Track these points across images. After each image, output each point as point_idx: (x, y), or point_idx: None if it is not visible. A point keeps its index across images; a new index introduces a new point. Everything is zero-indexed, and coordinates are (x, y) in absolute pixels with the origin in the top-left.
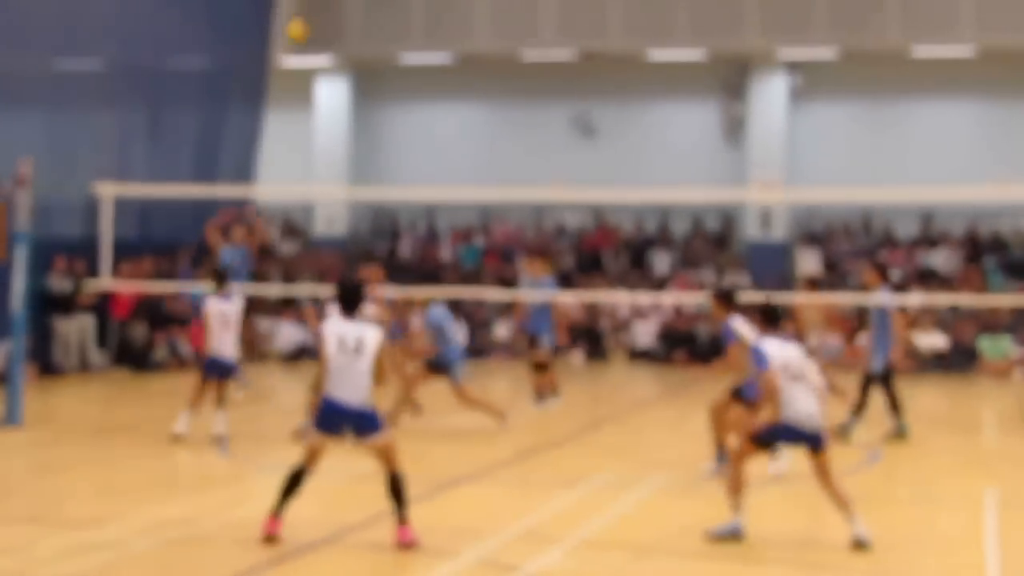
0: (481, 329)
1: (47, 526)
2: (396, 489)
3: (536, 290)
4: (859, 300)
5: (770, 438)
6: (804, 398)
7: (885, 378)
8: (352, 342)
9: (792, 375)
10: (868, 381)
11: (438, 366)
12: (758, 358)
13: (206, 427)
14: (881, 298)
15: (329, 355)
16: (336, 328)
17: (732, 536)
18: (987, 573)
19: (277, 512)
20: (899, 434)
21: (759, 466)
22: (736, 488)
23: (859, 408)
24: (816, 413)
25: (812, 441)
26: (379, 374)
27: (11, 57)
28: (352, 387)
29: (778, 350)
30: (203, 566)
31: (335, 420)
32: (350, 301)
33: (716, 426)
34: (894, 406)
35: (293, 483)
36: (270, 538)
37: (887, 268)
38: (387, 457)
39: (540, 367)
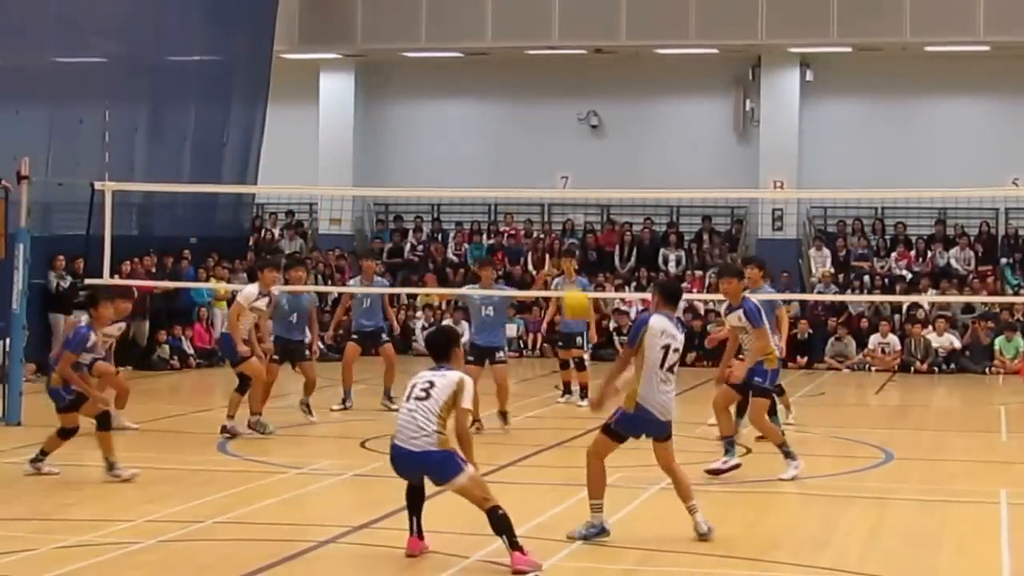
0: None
1: (47, 526)
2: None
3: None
4: (866, 300)
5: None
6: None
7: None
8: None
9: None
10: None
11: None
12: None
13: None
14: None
15: None
16: None
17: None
18: (1002, 572)
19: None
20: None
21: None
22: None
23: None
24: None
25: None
26: None
27: (11, 53)
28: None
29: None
30: (205, 566)
31: None
32: None
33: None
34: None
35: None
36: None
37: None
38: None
39: (580, 365)
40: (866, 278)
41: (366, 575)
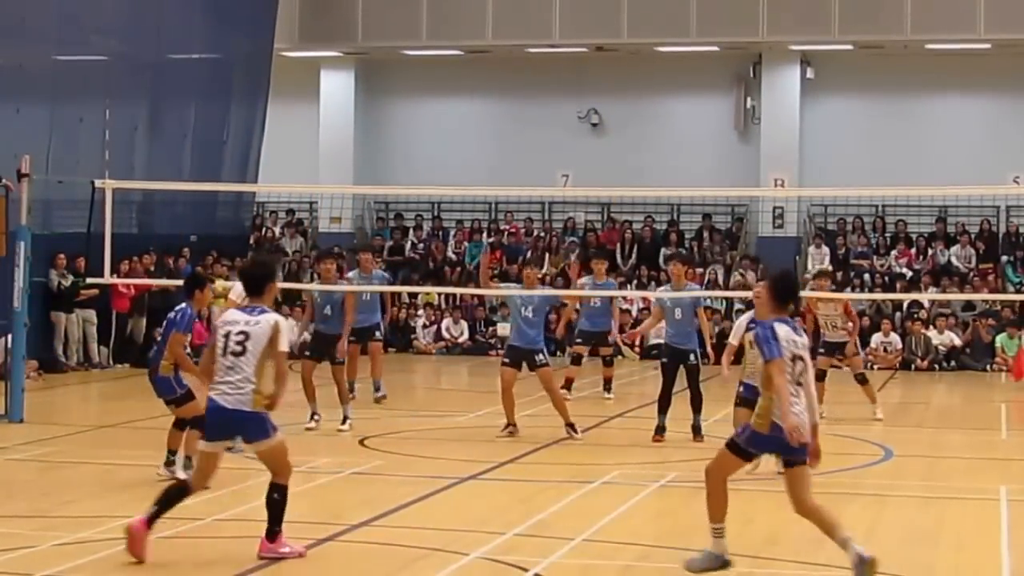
0: (485, 326)
1: (47, 523)
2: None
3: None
4: (869, 297)
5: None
6: None
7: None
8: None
9: None
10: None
11: None
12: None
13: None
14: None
15: None
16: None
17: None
18: (1002, 569)
19: None
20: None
21: (766, 465)
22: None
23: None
24: None
25: None
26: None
27: (12, 50)
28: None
29: None
30: (204, 564)
31: None
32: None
33: None
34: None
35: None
36: None
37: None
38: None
39: (608, 361)
40: (866, 276)
41: (365, 572)
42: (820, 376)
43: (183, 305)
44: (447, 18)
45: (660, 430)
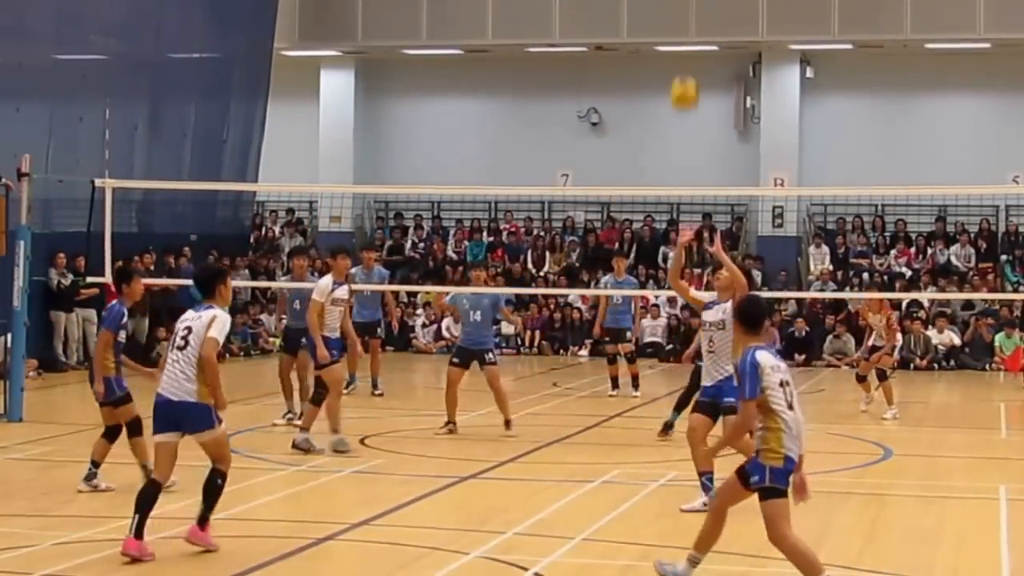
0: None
1: (47, 522)
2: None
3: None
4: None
5: None
6: None
7: None
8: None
9: None
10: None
11: None
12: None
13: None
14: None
15: None
16: None
17: None
18: (1001, 568)
19: None
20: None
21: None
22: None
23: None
24: None
25: None
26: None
27: (12, 50)
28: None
29: None
30: (205, 563)
31: None
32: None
33: None
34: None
35: None
36: None
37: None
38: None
39: (630, 358)
40: (865, 275)
41: (365, 571)
42: (882, 376)
43: (114, 302)
44: (447, 17)
45: (669, 427)
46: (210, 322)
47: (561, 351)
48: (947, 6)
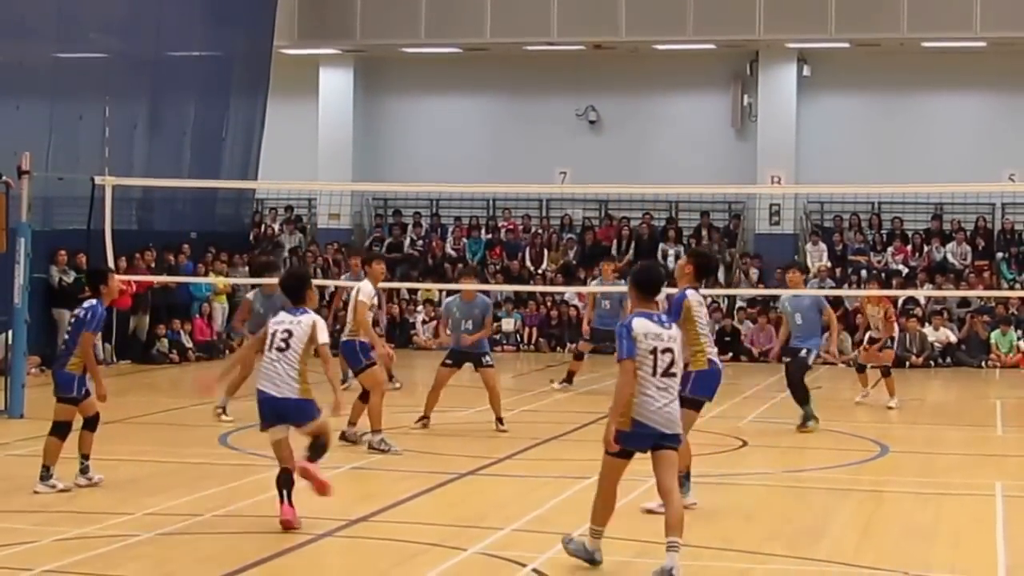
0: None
1: (49, 519)
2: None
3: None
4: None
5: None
6: None
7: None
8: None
9: None
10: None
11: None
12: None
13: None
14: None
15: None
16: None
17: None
18: (997, 564)
19: None
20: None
21: (765, 460)
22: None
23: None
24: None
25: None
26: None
27: (12, 48)
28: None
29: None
30: (205, 559)
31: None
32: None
33: None
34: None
35: None
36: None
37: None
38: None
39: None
40: (863, 272)
41: (364, 567)
42: (886, 372)
43: (93, 302)
44: (446, 16)
45: (807, 419)
46: (312, 328)
47: (558, 348)
48: (943, 5)
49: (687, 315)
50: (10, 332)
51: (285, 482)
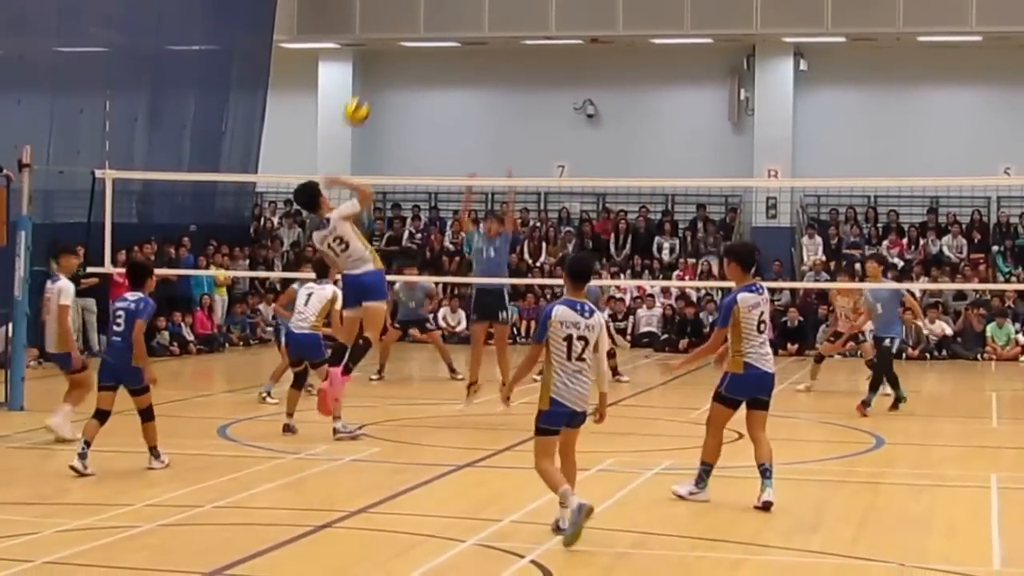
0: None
1: (49, 510)
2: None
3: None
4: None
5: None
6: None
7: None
8: None
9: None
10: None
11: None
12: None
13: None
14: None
15: None
16: None
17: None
18: (992, 555)
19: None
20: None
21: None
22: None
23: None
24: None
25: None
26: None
27: (13, 42)
28: None
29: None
30: (205, 550)
31: None
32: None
33: None
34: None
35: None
36: None
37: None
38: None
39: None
40: (858, 266)
41: (364, 559)
42: (819, 359)
43: (139, 295)
44: (444, 10)
45: (899, 400)
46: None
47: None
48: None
49: (735, 319)
50: (10, 325)
51: (357, 352)
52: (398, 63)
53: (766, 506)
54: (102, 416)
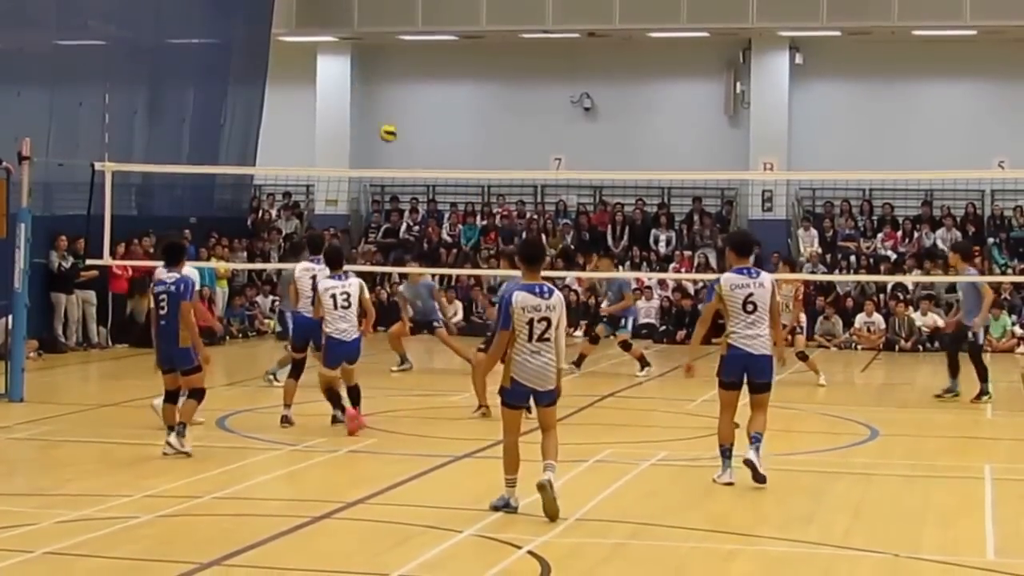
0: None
1: (48, 501)
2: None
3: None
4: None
5: None
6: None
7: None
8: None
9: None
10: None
11: None
12: None
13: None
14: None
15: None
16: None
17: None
18: (986, 546)
19: None
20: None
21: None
22: None
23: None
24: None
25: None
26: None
27: (13, 35)
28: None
29: None
30: (203, 541)
31: None
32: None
33: None
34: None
35: None
36: None
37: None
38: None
39: (625, 345)
40: (852, 258)
41: (361, 549)
42: (803, 356)
43: (177, 275)
44: (441, 4)
45: (948, 391)
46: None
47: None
48: None
49: (718, 296)
50: (10, 316)
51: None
52: (396, 56)
53: (748, 465)
54: (173, 397)
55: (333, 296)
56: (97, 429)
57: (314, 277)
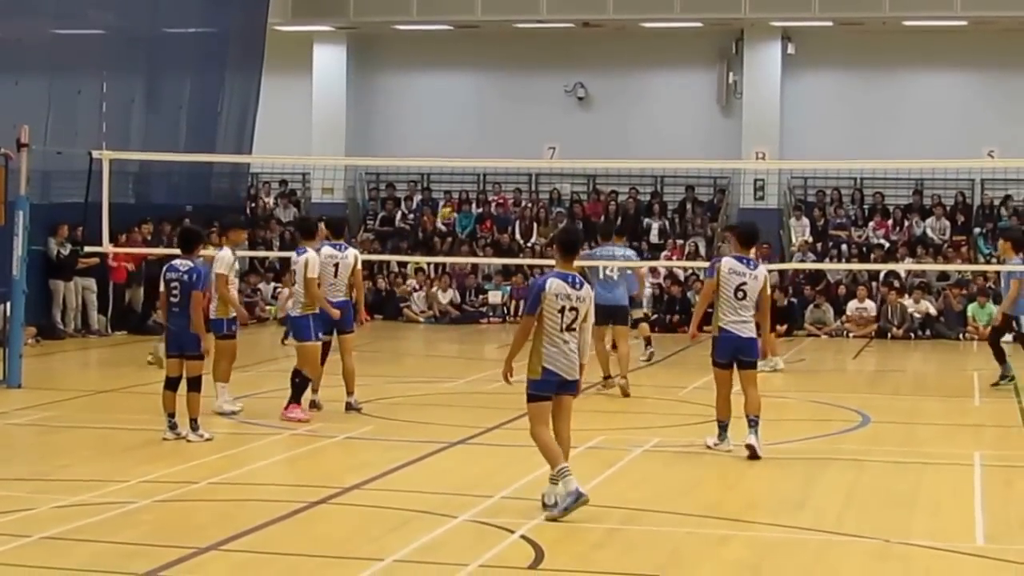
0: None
1: (46, 487)
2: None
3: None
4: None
5: None
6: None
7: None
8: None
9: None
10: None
11: None
12: None
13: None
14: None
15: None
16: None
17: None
18: (975, 532)
19: None
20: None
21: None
22: None
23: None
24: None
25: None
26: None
27: (11, 24)
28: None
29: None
30: (201, 526)
31: None
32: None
33: None
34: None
35: None
36: None
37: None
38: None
39: (635, 323)
40: (844, 246)
41: (358, 534)
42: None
43: (190, 264)
44: None
45: (1004, 377)
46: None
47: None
48: None
49: (718, 276)
50: (8, 303)
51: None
52: (391, 46)
53: (749, 448)
54: (174, 384)
55: (336, 265)
56: (95, 415)
57: (336, 265)
